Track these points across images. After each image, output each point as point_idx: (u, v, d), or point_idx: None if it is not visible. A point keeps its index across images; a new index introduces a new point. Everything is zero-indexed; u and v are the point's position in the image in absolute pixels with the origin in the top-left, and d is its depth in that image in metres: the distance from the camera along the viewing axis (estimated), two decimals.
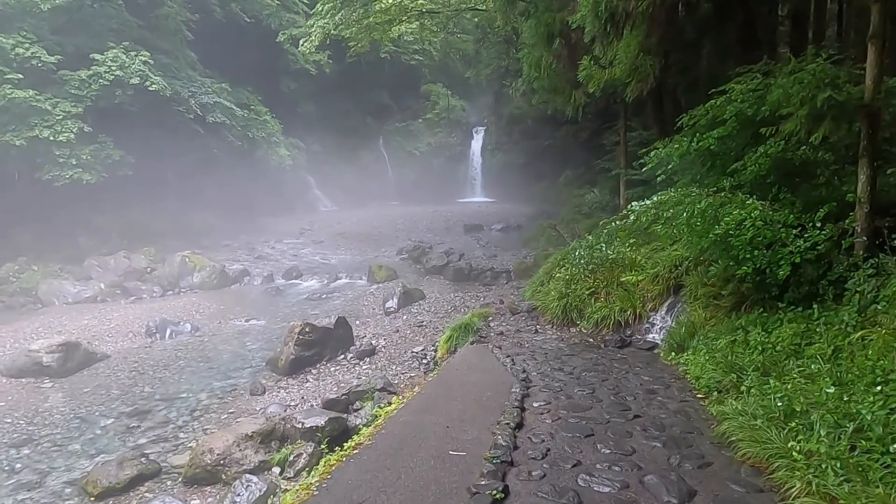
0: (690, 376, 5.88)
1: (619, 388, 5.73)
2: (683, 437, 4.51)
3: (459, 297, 15.21)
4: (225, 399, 9.88)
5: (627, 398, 5.42)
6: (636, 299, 9.33)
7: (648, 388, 5.74)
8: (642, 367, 6.60)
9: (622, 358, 7.18)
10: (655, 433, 4.55)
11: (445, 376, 6.08)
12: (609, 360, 7.05)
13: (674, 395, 5.49)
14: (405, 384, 9.06)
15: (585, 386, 5.81)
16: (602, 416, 4.91)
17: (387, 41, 34.70)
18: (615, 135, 20.40)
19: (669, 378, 6.05)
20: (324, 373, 10.55)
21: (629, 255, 10.48)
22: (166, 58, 24.09)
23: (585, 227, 18.61)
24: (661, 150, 7.64)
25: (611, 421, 4.78)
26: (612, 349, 8.14)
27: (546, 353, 7.54)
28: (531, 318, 10.81)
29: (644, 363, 6.86)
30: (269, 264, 21.35)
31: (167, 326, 13.61)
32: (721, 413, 4.59)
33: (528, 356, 7.30)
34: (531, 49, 12.05)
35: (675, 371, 6.32)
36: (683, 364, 6.36)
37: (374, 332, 12.65)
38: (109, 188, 22.59)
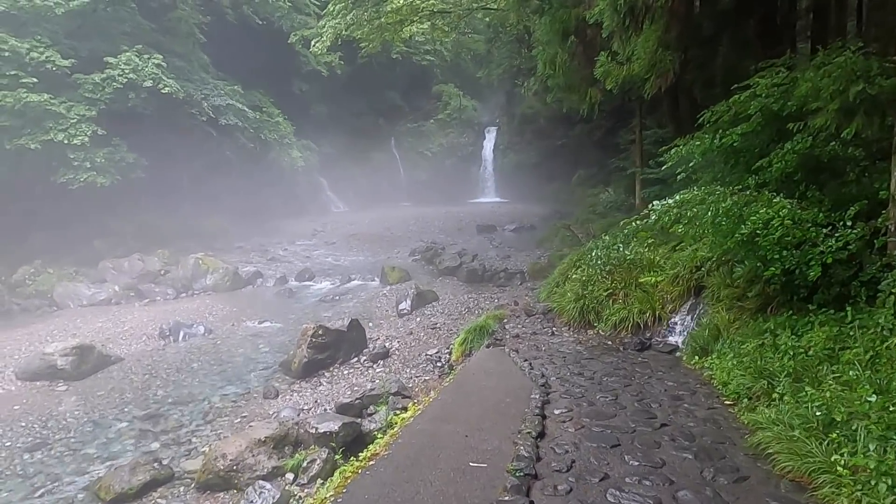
0: (717, 382, 5.66)
1: (642, 394, 5.53)
2: (715, 448, 4.30)
3: (473, 298, 15.03)
4: (238, 403, 9.79)
5: (652, 405, 5.22)
6: (655, 301, 9.12)
7: (673, 394, 5.53)
8: (665, 372, 6.39)
9: (643, 362, 6.97)
10: (685, 443, 4.34)
11: (462, 381, 5.91)
12: (630, 363, 6.85)
13: (700, 401, 5.28)
14: (420, 388, 8.91)
15: (607, 392, 5.61)
16: (627, 424, 4.72)
17: (398, 42, 34.56)
18: (630, 133, 20.15)
19: (694, 383, 5.84)
20: (337, 376, 10.43)
21: (647, 255, 10.26)
22: (179, 60, 24.17)
23: (601, 227, 18.35)
24: (682, 148, 7.42)
25: (637, 430, 4.58)
26: (632, 352, 7.93)
27: (564, 356, 7.35)
28: (547, 320, 10.62)
29: (667, 367, 6.65)
30: (281, 266, 21.33)
31: (180, 329, 13.58)
32: (754, 422, 4.39)
33: (546, 360, 7.11)
34: (546, 46, 11.85)
35: (699, 376, 6.11)
36: (708, 368, 6.15)
37: (388, 335, 12.52)
38: (124, 191, 22.69)
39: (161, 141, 23.76)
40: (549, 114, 30.65)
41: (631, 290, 9.60)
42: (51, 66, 17.96)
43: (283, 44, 34.61)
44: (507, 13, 27.53)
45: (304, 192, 36.78)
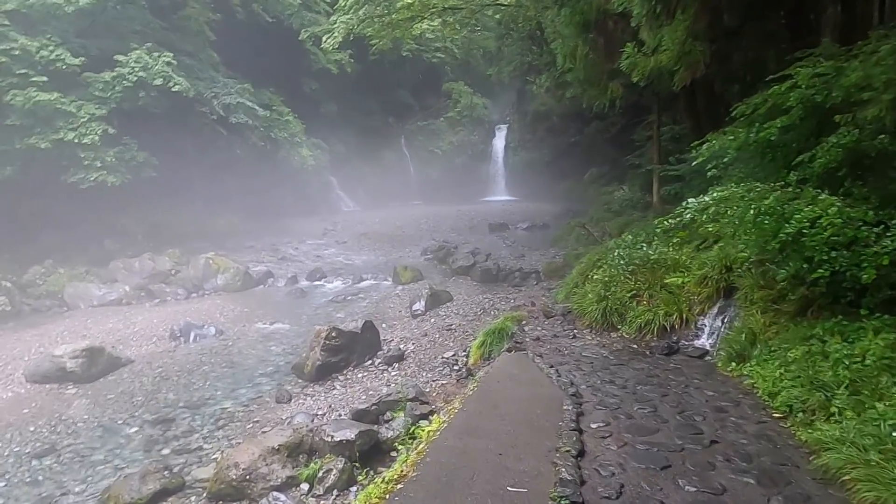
0: (761, 392, 5.31)
1: (682, 406, 5.19)
2: (778, 471, 3.92)
3: (488, 298, 14.71)
4: (250, 407, 9.54)
5: (695, 418, 4.88)
6: (682, 303, 8.75)
7: (716, 405, 5.18)
8: (701, 380, 6.04)
9: (676, 368, 6.62)
10: (742, 465, 3.98)
11: (486, 389, 5.60)
12: (662, 370, 6.51)
13: (747, 414, 4.93)
14: (438, 393, 8.60)
15: (644, 402, 5.27)
16: (673, 441, 4.37)
17: (409, 39, 34.31)
18: (648, 129, 19.71)
19: (736, 393, 5.48)
20: (351, 379, 10.15)
21: (671, 255, 9.89)
22: (189, 59, 24.02)
23: (617, 225, 17.97)
24: (715, 143, 7.05)
25: (685, 448, 4.23)
26: (660, 357, 7.58)
27: (591, 362, 7.02)
28: (567, 322, 10.27)
29: (702, 374, 6.30)
30: (292, 265, 21.11)
31: (191, 330, 13.37)
32: (816, 441, 4.03)
33: (573, 366, 6.78)
34: (565, 39, 11.48)
35: (739, 384, 5.75)
36: (748, 376, 5.79)
37: (402, 336, 12.23)
38: (134, 190, 22.60)
39: (171, 140, 23.65)
40: (562, 111, 30.23)
41: (656, 291, 9.24)
42: (60, 65, 17.84)
43: (293, 42, 34.43)
44: (519, 9, 27.19)
45: (314, 190, 36.60)
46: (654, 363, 6.90)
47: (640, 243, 10.29)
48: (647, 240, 10.88)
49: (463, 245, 22.15)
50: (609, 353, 7.84)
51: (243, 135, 26.36)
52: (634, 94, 21.20)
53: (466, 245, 22.09)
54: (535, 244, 22.50)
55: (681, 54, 8.08)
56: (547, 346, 8.58)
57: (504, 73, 37.93)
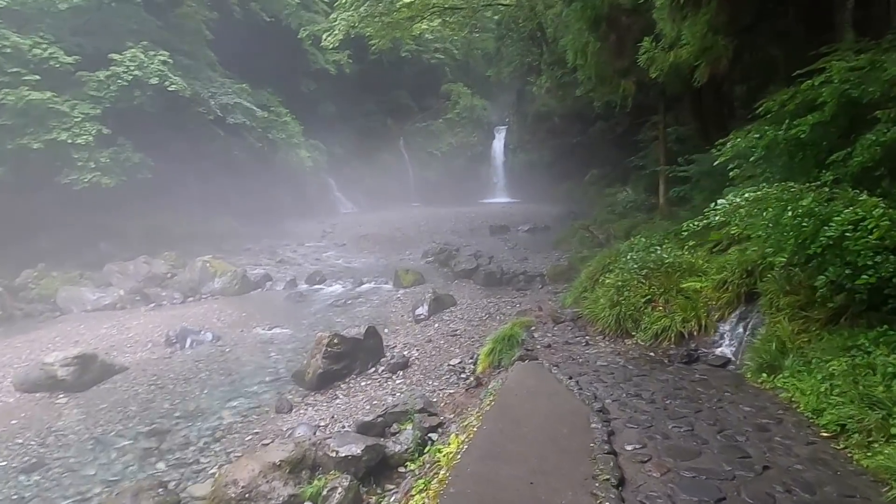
0: (802, 407, 4.94)
1: (720, 423, 4.81)
2: None
3: (493, 303, 14.34)
4: (249, 417, 9.15)
5: (738, 438, 4.50)
6: (700, 308, 8.41)
7: (756, 422, 4.80)
8: (733, 393, 5.67)
9: (702, 379, 6.25)
10: (805, 496, 3.55)
11: (504, 404, 5.23)
12: (688, 381, 6.14)
13: (792, 433, 4.55)
14: (446, 403, 8.23)
15: (677, 419, 4.90)
16: (720, 466, 3.98)
17: (408, 39, 34.01)
18: (652, 130, 19.38)
19: (774, 408, 5.12)
20: (354, 388, 9.76)
21: (686, 258, 9.55)
22: (186, 58, 23.64)
23: (622, 228, 17.65)
24: (740, 141, 6.69)
25: (736, 476, 3.83)
26: (680, 365, 7.22)
27: (612, 372, 6.64)
28: (578, 328, 9.92)
29: (732, 386, 5.93)
30: (291, 268, 20.71)
31: (187, 335, 12.96)
32: (881, 467, 3.66)
33: (593, 377, 6.41)
34: (575, 35, 11.13)
35: (775, 398, 5.38)
36: (784, 389, 5.43)
37: (405, 342, 11.85)
38: (130, 192, 22.19)
39: (168, 140, 23.24)
40: (563, 111, 29.86)
41: (671, 296, 8.89)
42: (54, 63, 17.45)
43: (292, 42, 34.11)
44: (519, 9, 26.89)
45: (313, 192, 36.24)
46: (678, 374, 6.53)
47: (653, 246, 9.93)
48: (659, 242, 10.54)
49: (464, 247, 21.79)
50: (626, 362, 7.48)
51: (241, 135, 25.97)
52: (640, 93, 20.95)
53: (468, 247, 21.73)
54: (537, 246, 22.15)
55: (702, 49, 7.74)
56: (560, 354, 8.22)
57: (503, 73, 37.61)
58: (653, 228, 13.78)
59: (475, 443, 4.19)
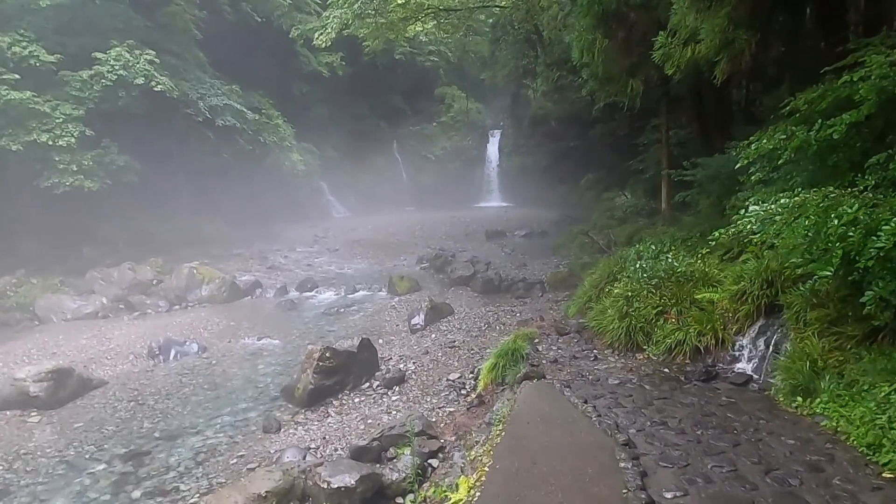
0: (853, 440, 4.42)
1: (766, 461, 4.27)
2: None
3: (492, 312, 13.79)
4: (234, 438, 8.54)
5: (790, 481, 3.96)
6: (716, 321, 7.91)
7: (805, 459, 4.27)
8: (768, 420, 5.14)
9: (730, 402, 5.73)
10: None
11: (517, 436, 4.68)
12: (715, 405, 5.61)
13: (851, 475, 4.01)
14: (446, 423, 7.67)
15: (716, 455, 4.37)
16: None
17: (402, 41, 33.52)
18: (655, 132, 18.94)
19: (820, 441, 4.59)
20: (347, 405, 9.18)
21: (699, 267, 9.06)
22: (174, 59, 22.97)
23: (624, 233, 17.21)
24: (766, 142, 6.18)
25: None
26: (700, 384, 6.71)
27: (630, 394, 6.10)
28: (584, 341, 9.40)
29: (765, 412, 5.41)
30: (282, 275, 20.07)
31: (171, 347, 12.32)
32: None
33: (611, 400, 5.87)
34: (581, 32, 10.62)
35: (817, 428, 4.85)
36: (825, 416, 4.91)
37: (401, 354, 11.27)
38: (117, 195, 21.52)
39: (155, 143, 22.58)
40: (560, 115, 29.49)
41: (685, 307, 8.39)
42: (34, 62, 16.75)
43: (283, 44, 33.53)
44: (515, 11, 26.43)
45: (305, 196, 35.64)
46: (702, 395, 6.00)
47: (663, 254, 9.43)
48: (668, 249, 10.05)
49: (460, 253, 21.23)
50: (641, 380, 6.96)
51: (231, 138, 25.31)
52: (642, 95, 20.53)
53: (464, 253, 21.18)
54: (535, 252, 21.63)
55: (723, 44, 7.26)
56: (568, 371, 7.69)
57: (499, 76, 37.30)
58: (657, 234, 13.28)
59: (488, 488, 3.63)
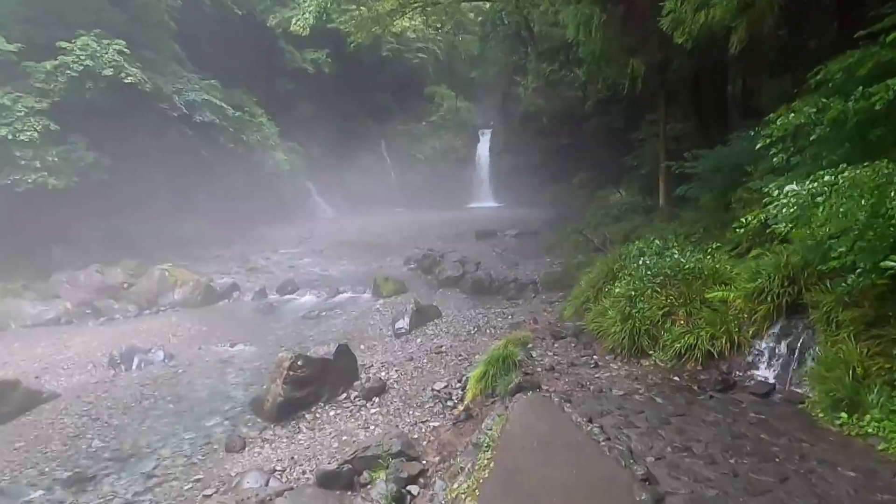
0: None
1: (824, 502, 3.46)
2: None
3: (482, 314, 12.94)
4: (193, 458, 7.61)
5: None
6: (730, 322, 7.09)
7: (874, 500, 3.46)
8: (811, 442, 4.32)
9: (760, 420, 4.91)
10: None
11: (509, 468, 3.83)
12: (744, 424, 4.80)
13: None
14: (429, 441, 6.80)
15: (761, 496, 3.52)
16: None
17: (389, 36, 32.73)
18: (652, 126, 18.19)
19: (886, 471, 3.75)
20: (321, 419, 8.27)
21: (708, 263, 8.25)
22: (150, 52, 21.95)
23: (621, 231, 16.42)
24: (794, 116, 5.37)
25: None
26: (718, 395, 5.89)
27: (640, 409, 5.26)
28: (583, 346, 8.57)
29: (804, 431, 4.60)
30: (262, 277, 19.08)
31: (135, 355, 11.36)
32: None
33: (619, 417, 5.03)
34: (578, 6, 9.79)
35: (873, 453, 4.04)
36: (880, 438, 4.11)
37: (383, 361, 10.37)
38: (89, 194, 20.45)
39: (130, 140, 21.51)
40: (552, 111, 28.71)
41: (694, 307, 7.59)
42: None
43: (267, 40, 32.57)
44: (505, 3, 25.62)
45: (290, 196, 34.63)
46: (725, 410, 5.19)
47: (669, 249, 8.62)
48: (673, 245, 9.25)
49: (450, 253, 20.35)
50: (649, 390, 6.13)
51: (210, 135, 24.32)
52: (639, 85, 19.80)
53: (453, 253, 20.30)
54: (527, 252, 20.81)
55: (741, 7, 6.46)
56: (566, 380, 6.84)
57: (489, 74, 36.65)
58: (658, 231, 12.49)
59: None
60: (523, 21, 26.32)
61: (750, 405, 5.37)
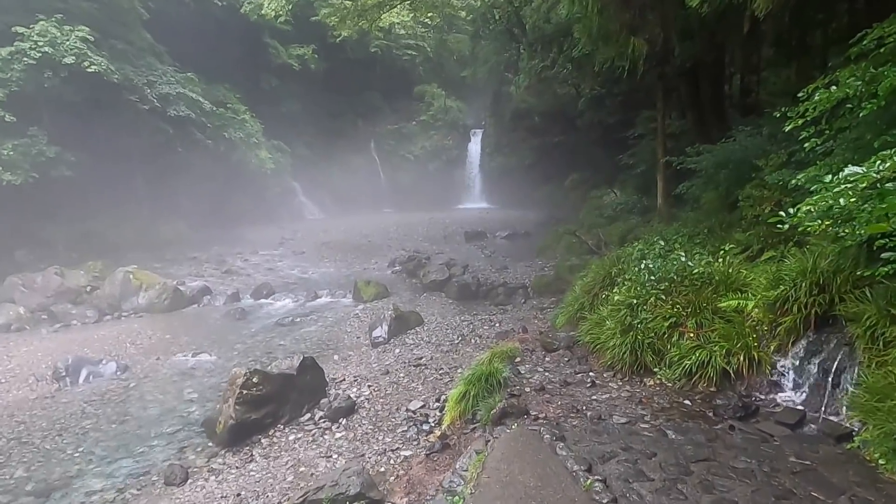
0: None
1: None
2: None
3: (467, 321, 11.96)
4: (127, 492, 6.57)
5: None
6: (748, 336, 6.13)
7: None
8: None
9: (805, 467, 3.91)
10: None
11: None
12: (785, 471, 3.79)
13: None
14: (398, 476, 5.79)
15: None
16: None
17: (376, 31, 31.72)
18: (648, 122, 17.28)
19: None
20: (279, 444, 7.23)
21: (719, 267, 7.28)
22: (120, 42, 20.84)
23: (617, 232, 15.51)
24: (836, 90, 4.43)
25: None
26: (740, 426, 4.92)
27: (652, 451, 4.24)
28: (577, 360, 7.58)
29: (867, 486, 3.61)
30: (237, 280, 18.01)
31: (83, 367, 10.27)
32: None
33: (625, 463, 4.01)
34: None
35: None
36: None
37: (357, 374, 9.36)
38: (58, 193, 19.43)
39: (100, 135, 20.40)
40: (544, 108, 27.84)
41: (705, 318, 6.61)
42: None
43: (251, 35, 31.54)
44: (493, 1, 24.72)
45: (276, 197, 33.61)
46: (757, 452, 4.19)
47: (674, 251, 7.67)
48: (678, 246, 8.30)
49: (436, 256, 19.35)
50: (656, 418, 5.16)
51: (188, 131, 23.19)
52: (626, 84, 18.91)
53: (440, 256, 19.30)
54: (517, 254, 19.86)
55: None
56: (559, 404, 5.85)
57: (480, 72, 35.69)
58: (657, 232, 11.53)
59: None
60: (515, 17, 25.42)
61: (785, 442, 4.40)
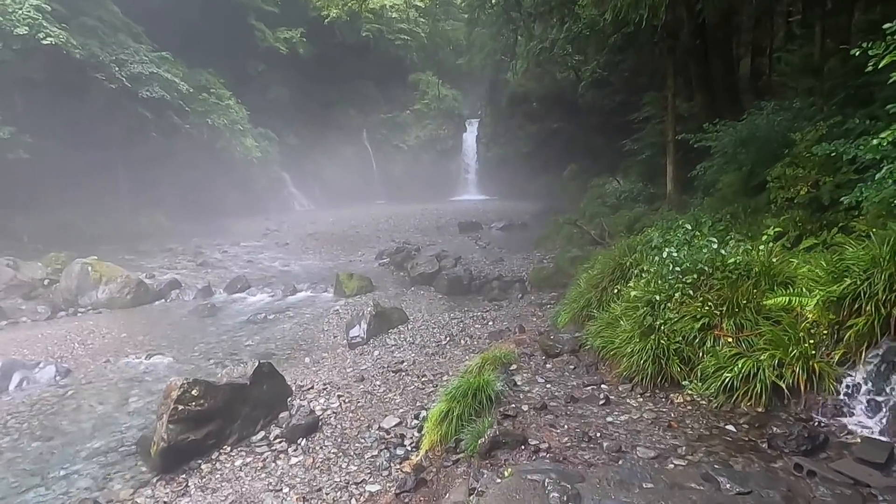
0: None
1: None
2: None
3: (457, 319, 10.68)
4: None
5: None
6: (804, 342, 4.84)
7: None
8: None
9: None
10: None
11: None
12: None
13: None
14: None
15: None
16: None
17: (367, 13, 30.35)
18: (653, 104, 15.94)
19: None
20: (221, 472, 5.92)
21: (757, 256, 5.97)
22: (91, 19, 19.44)
23: (623, 221, 14.28)
24: None
25: None
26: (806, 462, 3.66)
27: None
28: (584, 368, 6.31)
29: None
30: (212, 273, 16.70)
31: (16, 371, 8.95)
32: None
33: None
34: None
35: None
36: None
37: (327, 381, 8.05)
38: (32, 182, 18.20)
39: (70, 118, 19.09)
40: (542, 93, 26.48)
41: (745, 318, 5.33)
42: None
43: (236, 17, 30.15)
44: None
45: (263, 187, 32.32)
46: None
47: (705, 237, 6.38)
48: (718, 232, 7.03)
49: (427, 247, 18.12)
50: (693, 451, 3.91)
51: (164, 114, 21.79)
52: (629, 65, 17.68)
53: (431, 247, 18.07)
54: (514, 246, 18.59)
55: None
56: (565, 428, 4.58)
57: (476, 60, 34.39)
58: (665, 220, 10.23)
59: None
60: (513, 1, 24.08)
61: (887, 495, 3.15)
